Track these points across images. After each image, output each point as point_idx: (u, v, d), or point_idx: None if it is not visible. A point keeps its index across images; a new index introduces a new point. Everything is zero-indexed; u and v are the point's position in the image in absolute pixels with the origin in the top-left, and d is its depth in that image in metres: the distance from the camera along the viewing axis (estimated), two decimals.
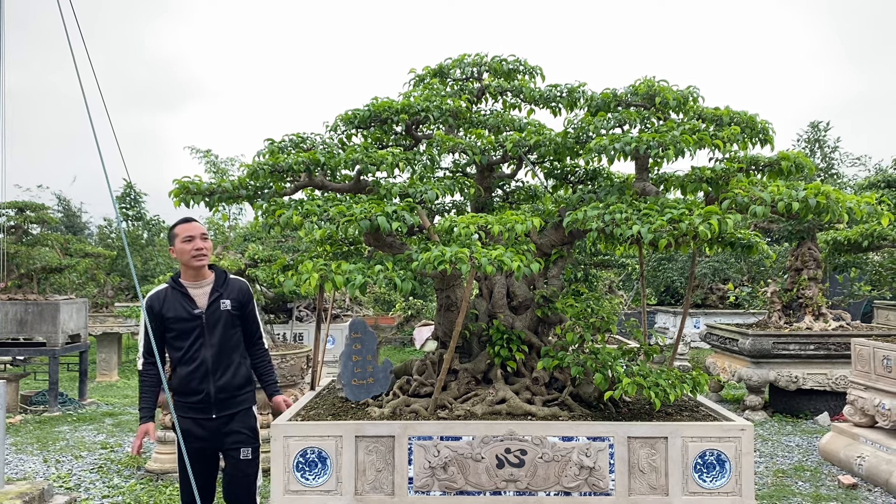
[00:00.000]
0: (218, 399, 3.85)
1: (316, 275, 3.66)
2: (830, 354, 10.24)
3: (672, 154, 3.97)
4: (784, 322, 11.02)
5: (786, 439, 9.25)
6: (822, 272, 11.68)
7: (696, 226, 3.68)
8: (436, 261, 3.71)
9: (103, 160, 3.62)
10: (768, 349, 10.31)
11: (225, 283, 3.94)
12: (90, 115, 3.42)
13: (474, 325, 4.84)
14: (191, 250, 3.82)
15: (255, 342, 4.10)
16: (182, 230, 3.86)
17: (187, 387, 3.83)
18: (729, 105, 4.39)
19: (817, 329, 10.58)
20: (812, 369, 10.36)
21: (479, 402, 4.53)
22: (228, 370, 3.88)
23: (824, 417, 10.17)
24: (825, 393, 10.32)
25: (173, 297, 3.84)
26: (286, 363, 9.47)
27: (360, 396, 4.81)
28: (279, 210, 3.93)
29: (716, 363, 11.73)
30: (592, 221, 3.93)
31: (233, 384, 3.89)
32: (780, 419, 10.42)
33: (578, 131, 4.44)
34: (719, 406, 4.74)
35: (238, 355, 3.96)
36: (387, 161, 4.22)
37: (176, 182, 4.35)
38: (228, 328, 3.89)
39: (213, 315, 3.84)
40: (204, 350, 3.82)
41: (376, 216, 3.80)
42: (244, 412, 3.97)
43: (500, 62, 5.15)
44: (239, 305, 3.93)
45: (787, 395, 10.50)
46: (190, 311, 3.82)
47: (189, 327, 3.81)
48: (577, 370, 4.26)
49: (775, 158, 4.26)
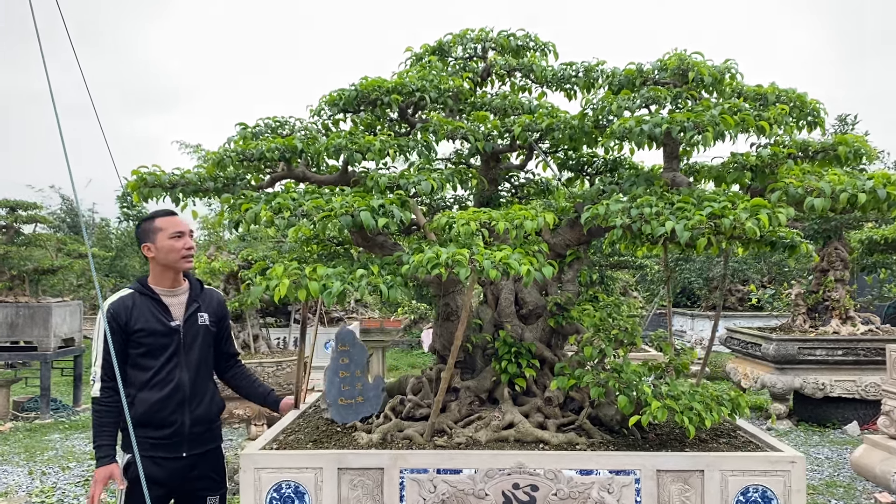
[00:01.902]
0: (192, 433, 3.22)
1: (287, 280, 3.06)
2: (860, 360, 9.83)
3: (711, 137, 3.35)
4: (809, 326, 10.69)
5: (814, 451, 8.82)
6: (850, 273, 11.18)
7: (741, 222, 3.06)
8: (429, 264, 3.11)
9: (68, 160, 3.06)
10: (793, 354, 9.96)
11: (202, 294, 3.35)
12: (58, 117, 2.91)
13: (478, 337, 4.22)
14: (181, 249, 3.23)
15: (235, 361, 3.53)
16: (169, 224, 3.24)
17: (155, 417, 3.18)
18: (774, 81, 3.76)
19: (845, 333, 10.22)
20: (840, 376, 9.97)
21: (483, 426, 3.91)
22: (206, 398, 3.29)
23: (853, 427, 9.83)
24: (854, 401, 9.91)
25: (143, 305, 3.21)
26: (282, 371, 8.90)
27: (348, 418, 4.21)
28: (245, 204, 3.34)
29: (736, 369, 11.34)
30: (616, 217, 3.30)
31: (209, 415, 3.30)
32: (805, 428, 10.17)
33: (598, 112, 3.81)
34: (761, 430, 4.11)
35: (212, 380, 3.38)
36: (374, 147, 3.61)
37: (133, 173, 3.76)
38: (206, 346, 3.30)
39: (191, 330, 3.24)
40: (180, 371, 3.21)
41: (359, 211, 3.20)
42: (215, 451, 3.37)
43: (507, 37, 4.53)
44: (217, 320, 3.35)
45: (813, 403, 10.16)
46: (165, 324, 3.21)
47: (162, 343, 3.20)
48: (598, 391, 3.64)
49: (830, 143, 3.63)
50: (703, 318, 17.85)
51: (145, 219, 3.33)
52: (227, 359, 3.49)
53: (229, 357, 3.51)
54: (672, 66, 3.83)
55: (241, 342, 8.90)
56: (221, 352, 3.45)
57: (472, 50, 4.65)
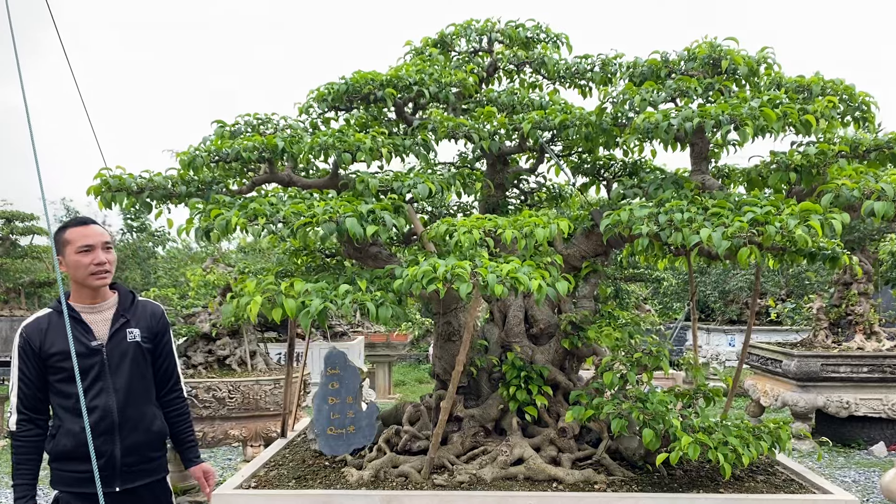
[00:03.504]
0: (125, 465, 2.78)
1: (259, 298, 2.64)
2: (886, 378, 9.34)
3: (750, 132, 2.90)
4: (832, 341, 10.26)
5: (839, 473, 8.38)
6: (874, 286, 10.76)
7: (790, 229, 2.61)
8: (424, 278, 2.67)
9: (39, 170, 2.67)
10: (816, 371, 9.45)
11: (133, 307, 2.90)
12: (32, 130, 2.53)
13: (483, 360, 3.77)
14: (89, 265, 2.77)
15: (172, 388, 3.03)
16: (77, 236, 2.79)
17: (79, 450, 2.75)
18: (819, 71, 3.32)
19: (870, 349, 9.83)
20: (865, 394, 9.48)
21: (488, 462, 3.46)
22: (140, 425, 2.84)
23: (880, 448, 9.24)
24: (880, 420, 9.46)
25: (60, 325, 2.78)
26: (280, 389, 8.43)
27: (339, 450, 3.77)
28: (216, 210, 2.91)
29: (756, 385, 10.93)
30: (642, 224, 2.86)
31: (145, 444, 2.85)
32: (829, 449, 9.74)
33: (618, 107, 3.38)
34: (804, 468, 3.64)
35: (151, 404, 2.92)
36: (364, 146, 3.18)
37: (96, 176, 3.36)
38: (138, 367, 2.85)
39: (118, 348, 2.80)
40: (106, 396, 2.77)
41: (344, 217, 2.77)
42: (157, 484, 2.92)
43: (515, 28, 4.11)
44: (150, 336, 2.89)
45: (837, 423, 9.60)
46: (86, 344, 2.77)
47: (84, 366, 2.75)
48: (620, 424, 3.18)
49: (884, 140, 3.17)
50: (719, 332, 17.31)
51: (60, 229, 2.90)
52: (164, 382, 3.00)
53: (167, 380, 3.01)
54: (702, 55, 3.39)
55: (237, 359, 8.48)
56: (159, 372, 2.98)
57: (476, 42, 4.22)
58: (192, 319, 8.19)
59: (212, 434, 7.30)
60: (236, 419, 7.43)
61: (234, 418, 7.41)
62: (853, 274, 10.35)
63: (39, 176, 2.72)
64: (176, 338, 8.02)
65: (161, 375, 2.98)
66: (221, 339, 8.18)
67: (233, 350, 8.42)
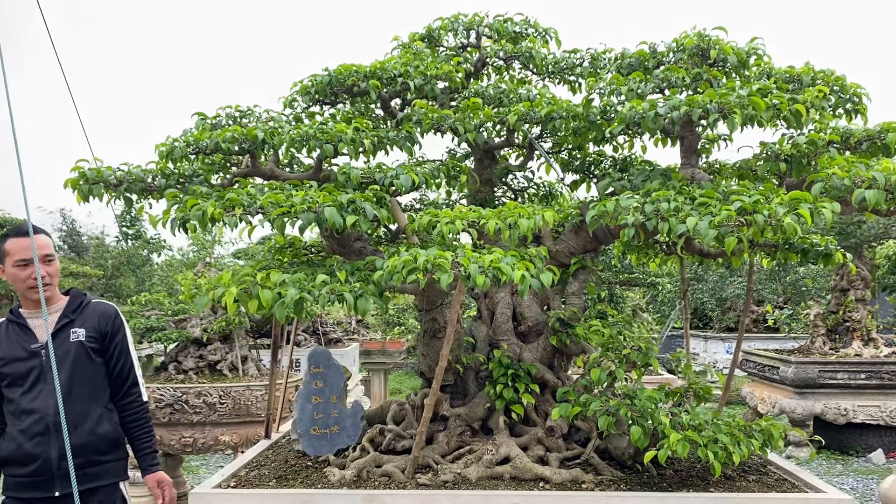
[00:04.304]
0: (62, 468, 2.67)
1: (234, 289, 2.56)
2: (884, 384, 9.37)
3: (738, 120, 2.84)
4: (829, 348, 10.27)
5: (837, 481, 8.33)
6: (871, 293, 10.72)
7: (778, 218, 2.54)
8: (405, 268, 2.60)
9: (23, 177, 2.60)
10: (813, 378, 9.47)
11: (80, 309, 2.82)
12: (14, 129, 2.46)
13: (469, 358, 3.69)
14: (26, 279, 2.71)
15: (127, 391, 2.93)
16: (15, 248, 2.71)
17: (18, 452, 2.69)
18: (809, 61, 3.26)
19: (868, 356, 9.85)
20: (863, 401, 9.49)
21: (474, 461, 3.37)
22: (83, 426, 2.75)
23: (878, 455, 9.26)
24: (878, 427, 9.47)
25: (8, 332, 2.75)
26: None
27: (322, 451, 3.68)
28: (192, 200, 2.84)
29: (753, 393, 10.91)
30: (628, 214, 2.79)
31: (88, 446, 2.75)
32: (827, 457, 9.67)
33: (605, 99, 3.32)
34: (796, 467, 3.56)
35: (99, 405, 2.82)
36: (346, 137, 3.12)
37: (74, 168, 3.29)
38: (81, 367, 2.76)
39: (59, 349, 2.72)
40: (44, 398, 2.70)
41: (323, 207, 2.70)
42: (106, 490, 2.82)
43: (503, 22, 4.05)
44: (98, 337, 2.81)
45: (835, 430, 9.61)
46: (25, 347, 2.72)
47: (24, 369, 2.71)
48: (607, 421, 3.10)
49: (875, 130, 3.11)
50: (717, 339, 17.21)
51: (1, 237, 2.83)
52: (119, 384, 2.88)
53: (122, 382, 2.91)
54: (690, 46, 3.34)
55: (228, 364, 8.39)
56: (112, 375, 2.87)
57: (464, 37, 4.17)
58: (183, 324, 8.11)
59: (202, 440, 7.19)
60: (227, 425, 7.31)
61: (224, 424, 7.30)
62: (850, 280, 10.31)
63: (22, 181, 2.65)
64: (166, 342, 7.93)
65: (115, 377, 2.88)
66: (213, 343, 8.08)
67: (224, 355, 8.32)
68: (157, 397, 6.95)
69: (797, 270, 16.13)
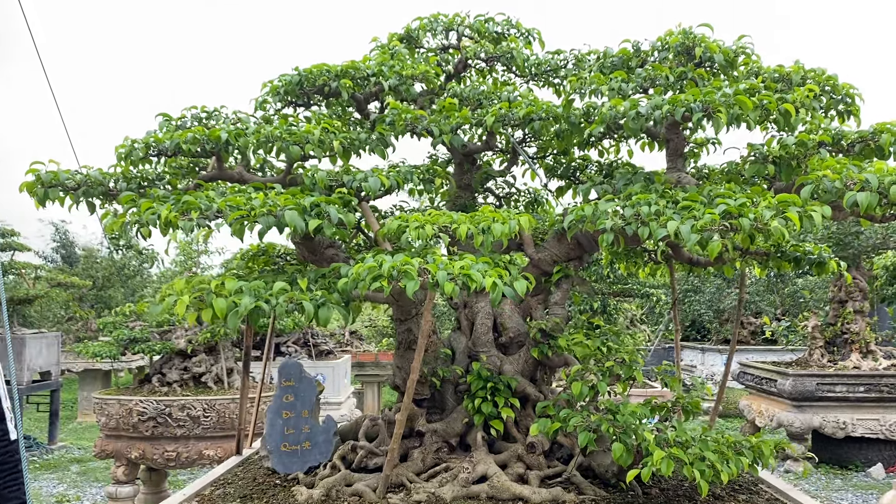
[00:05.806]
0: None
1: (186, 298, 2.40)
2: (883, 397, 9.21)
3: (724, 120, 2.69)
4: (827, 360, 10.08)
5: (836, 496, 8.17)
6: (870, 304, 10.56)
7: (765, 221, 2.39)
8: (369, 276, 2.45)
9: None
10: (811, 391, 9.29)
11: None
12: None
13: (447, 371, 3.53)
14: None
15: None
16: None
17: None
18: (799, 59, 3.12)
19: (866, 368, 9.69)
20: (862, 414, 9.32)
21: (449, 479, 3.20)
22: None
23: (878, 470, 9.07)
24: (877, 441, 9.28)
25: None
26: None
27: (292, 468, 3.51)
28: (146, 203, 2.69)
29: (750, 406, 10.75)
30: (606, 218, 2.63)
31: None
32: (826, 471, 9.45)
33: (588, 103, 3.17)
34: (788, 485, 3.39)
35: None
36: (313, 138, 2.97)
37: (29, 171, 3.14)
38: None
39: None
40: None
41: (283, 210, 2.55)
42: None
43: (484, 22, 3.92)
44: None
45: (834, 444, 9.43)
46: None
47: None
48: (588, 437, 2.94)
49: (869, 132, 2.97)
50: (714, 352, 17.02)
51: None
52: None
53: None
54: (675, 44, 3.20)
55: (213, 376, 8.21)
56: None
57: (444, 38, 4.03)
58: (167, 335, 7.94)
59: (186, 454, 7.02)
60: (211, 438, 7.15)
61: (209, 437, 7.14)
62: (849, 292, 10.16)
63: None
64: (150, 354, 7.77)
65: None
66: (198, 355, 7.92)
67: (209, 367, 8.14)
68: (140, 410, 6.79)
69: (795, 282, 15.99)
